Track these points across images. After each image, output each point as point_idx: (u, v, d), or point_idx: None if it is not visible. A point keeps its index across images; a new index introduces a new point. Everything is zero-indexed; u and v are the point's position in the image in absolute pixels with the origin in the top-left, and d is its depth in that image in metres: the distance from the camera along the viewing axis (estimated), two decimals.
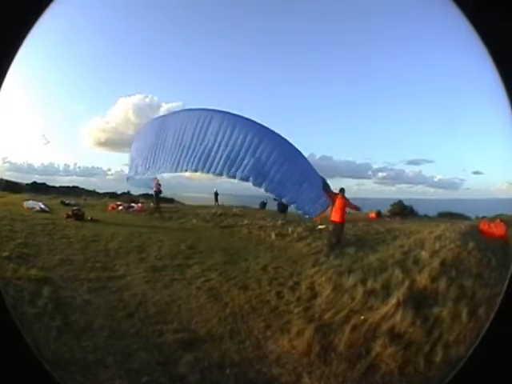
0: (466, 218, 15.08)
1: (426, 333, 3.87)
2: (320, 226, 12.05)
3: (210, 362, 3.60)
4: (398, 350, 3.60)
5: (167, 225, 12.84)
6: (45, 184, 20.50)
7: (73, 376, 3.07)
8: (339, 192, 8.72)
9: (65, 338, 3.74)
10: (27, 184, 20.41)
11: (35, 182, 20.77)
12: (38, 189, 19.46)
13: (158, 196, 15.03)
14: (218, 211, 15.68)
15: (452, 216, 15.80)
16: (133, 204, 16.50)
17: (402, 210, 16.80)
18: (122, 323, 4.38)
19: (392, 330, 3.98)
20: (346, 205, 8.70)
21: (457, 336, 3.74)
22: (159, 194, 14.93)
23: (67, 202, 15.75)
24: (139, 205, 16.68)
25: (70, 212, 12.33)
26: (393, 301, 4.50)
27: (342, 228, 8.91)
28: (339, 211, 8.60)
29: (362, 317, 4.32)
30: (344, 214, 8.69)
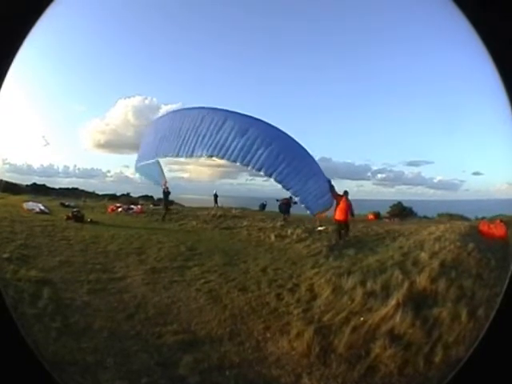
0: (466, 219, 15.10)
1: (426, 334, 3.86)
2: (319, 228, 12.06)
3: (210, 363, 3.59)
4: (398, 351, 3.59)
5: (167, 226, 12.85)
6: (44, 185, 20.50)
7: (72, 377, 3.07)
8: (343, 194, 9.42)
9: (65, 340, 3.73)
10: (27, 185, 20.41)
11: (35, 184, 20.77)
12: (38, 190, 19.46)
13: (167, 198, 14.99)
14: (217, 213, 15.69)
15: (451, 217, 15.82)
16: (132, 206, 16.53)
17: (401, 211, 16.86)
18: (122, 325, 4.37)
19: (392, 331, 3.98)
20: (349, 207, 9.42)
21: (456, 336, 3.74)
22: (168, 194, 14.90)
23: (67, 203, 15.77)
24: (139, 206, 16.71)
25: (69, 214, 12.35)
26: (392, 302, 4.50)
27: (346, 226, 9.68)
28: (343, 211, 9.34)
29: (362, 318, 4.31)
30: (348, 214, 9.44)
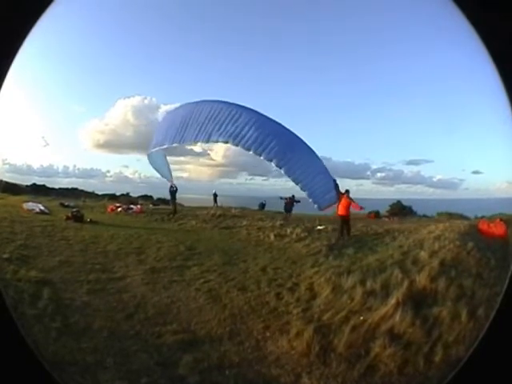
0: (466, 218, 15.11)
1: (426, 333, 3.86)
2: (319, 227, 12.10)
3: (210, 363, 3.59)
4: (398, 350, 3.59)
5: (166, 226, 12.85)
6: (44, 186, 20.54)
7: (72, 377, 3.07)
8: (345, 193, 10.39)
9: (64, 340, 3.73)
10: (27, 186, 20.44)
11: (35, 184, 20.80)
12: (38, 190, 19.48)
13: (175, 196, 14.97)
14: (216, 212, 15.72)
15: (451, 216, 15.84)
16: (132, 205, 16.54)
17: (400, 210, 16.89)
18: (122, 324, 4.37)
19: (391, 330, 3.98)
20: (350, 204, 10.41)
21: (456, 336, 3.74)
22: (175, 193, 14.89)
23: (66, 203, 15.79)
24: (138, 206, 16.73)
25: (69, 214, 12.35)
26: (392, 301, 4.49)
27: (347, 221, 10.66)
28: (345, 207, 10.38)
29: (362, 317, 4.31)
30: (348, 210, 10.50)
